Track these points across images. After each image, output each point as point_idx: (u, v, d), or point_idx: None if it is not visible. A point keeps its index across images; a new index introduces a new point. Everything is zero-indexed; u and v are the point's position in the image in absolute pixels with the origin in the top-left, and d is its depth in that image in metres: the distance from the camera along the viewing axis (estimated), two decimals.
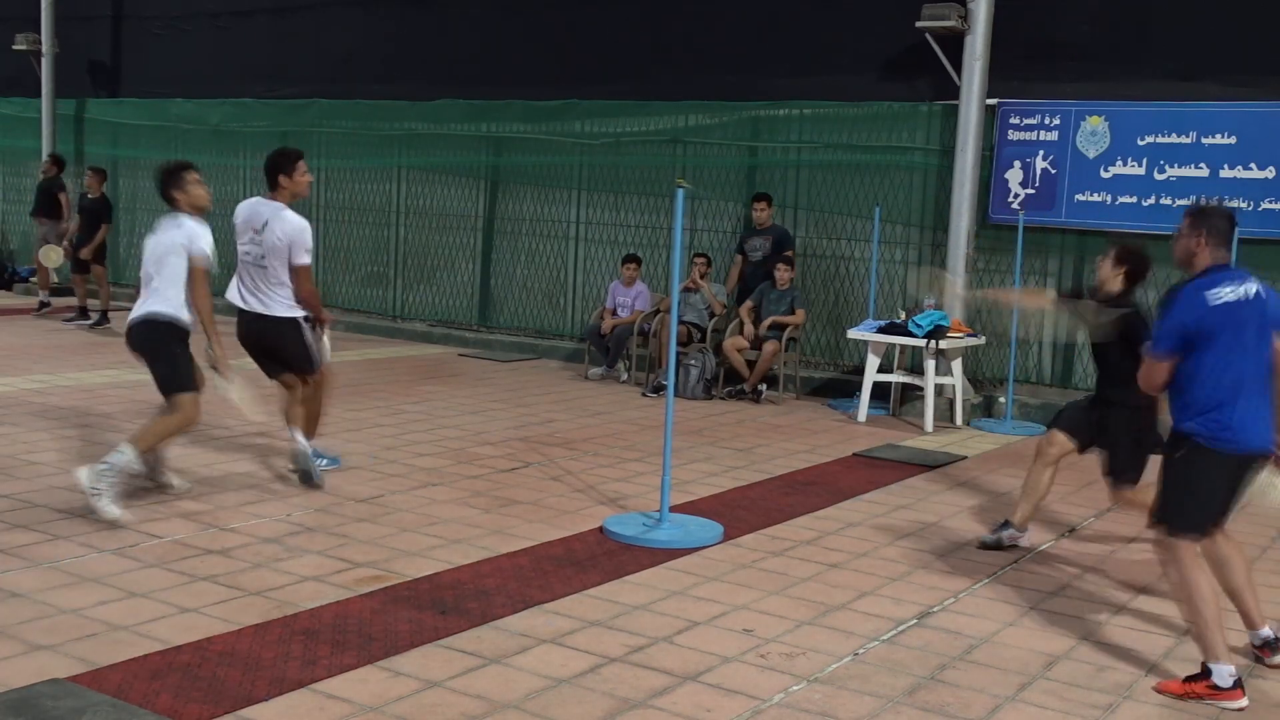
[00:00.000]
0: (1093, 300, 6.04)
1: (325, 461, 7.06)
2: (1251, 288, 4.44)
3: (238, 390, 6.32)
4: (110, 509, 5.76)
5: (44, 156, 16.58)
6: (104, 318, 13.22)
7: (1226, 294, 4.38)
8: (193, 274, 6.05)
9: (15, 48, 16.68)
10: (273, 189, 6.74)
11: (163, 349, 6.09)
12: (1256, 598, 4.73)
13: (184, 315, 6.09)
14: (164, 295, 6.07)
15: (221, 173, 14.65)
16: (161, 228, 6.21)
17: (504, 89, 13.31)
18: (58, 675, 3.99)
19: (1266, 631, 4.72)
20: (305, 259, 6.62)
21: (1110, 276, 5.97)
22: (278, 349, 6.79)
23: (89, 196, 13.64)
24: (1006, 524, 6.23)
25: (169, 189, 6.22)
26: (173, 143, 16.01)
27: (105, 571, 5.10)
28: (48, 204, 14.52)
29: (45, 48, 16.62)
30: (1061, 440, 6.08)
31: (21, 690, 3.85)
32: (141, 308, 6.12)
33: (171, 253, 6.06)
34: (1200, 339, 4.35)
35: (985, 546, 6.17)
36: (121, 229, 16.03)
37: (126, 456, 5.87)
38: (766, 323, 10.50)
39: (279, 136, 15.10)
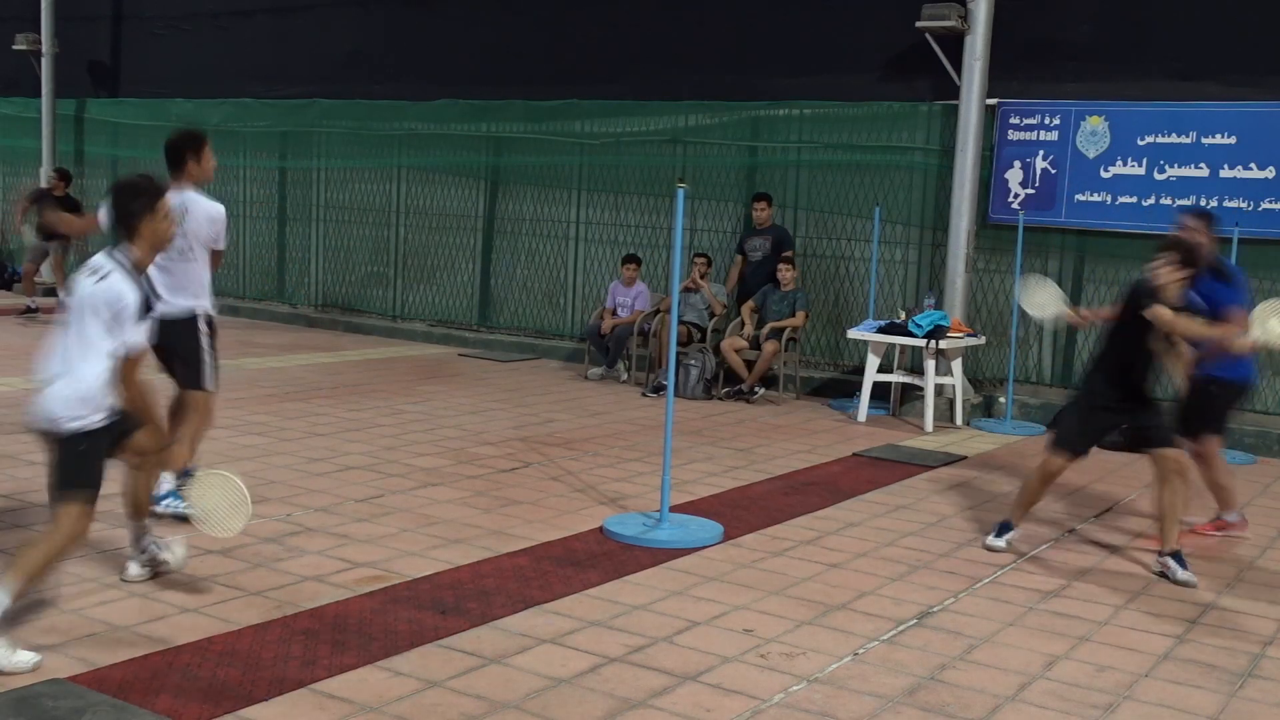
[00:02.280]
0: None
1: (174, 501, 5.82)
2: None
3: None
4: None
5: (46, 159, 16.60)
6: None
7: None
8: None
9: (15, 48, 16.68)
10: (179, 174, 6.02)
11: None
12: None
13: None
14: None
15: (221, 172, 14.56)
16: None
17: (504, 89, 13.31)
18: (58, 675, 3.99)
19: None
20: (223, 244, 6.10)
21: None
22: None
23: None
24: (1009, 526, 6.25)
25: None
26: None
27: (105, 571, 5.10)
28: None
29: (45, 48, 16.62)
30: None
31: (21, 690, 3.85)
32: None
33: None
34: None
35: (994, 550, 6.17)
36: None
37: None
38: (766, 329, 10.50)
39: (279, 136, 15.14)
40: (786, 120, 11.66)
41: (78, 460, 4.30)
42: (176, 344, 5.77)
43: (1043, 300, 6.82)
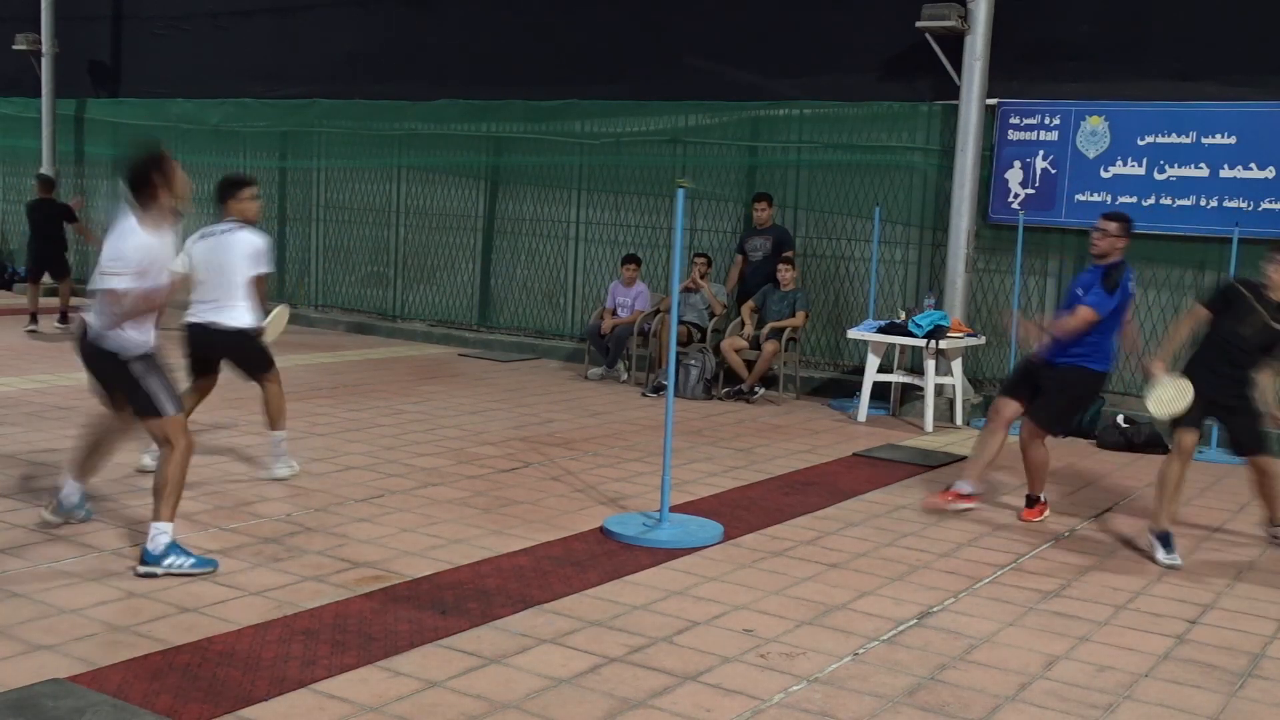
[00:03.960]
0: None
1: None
2: None
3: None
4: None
5: (46, 159, 16.59)
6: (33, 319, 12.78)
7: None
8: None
9: (15, 48, 16.68)
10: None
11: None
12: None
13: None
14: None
15: (221, 173, 14.62)
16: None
17: (504, 89, 13.31)
18: (58, 675, 3.99)
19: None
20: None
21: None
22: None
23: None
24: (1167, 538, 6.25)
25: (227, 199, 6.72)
26: (173, 143, 15.92)
27: (105, 571, 5.10)
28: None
29: (45, 48, 16.63)
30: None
31: (21, 690, 3.85)
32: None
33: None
34: None
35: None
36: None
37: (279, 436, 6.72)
38: (766, 329, 10.50)
39: (279, 136, 15.14)
40: (786, 120, 11.66)
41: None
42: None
43: (1171, 398, 6.35)
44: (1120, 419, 9.14)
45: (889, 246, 11.06)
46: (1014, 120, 10.42)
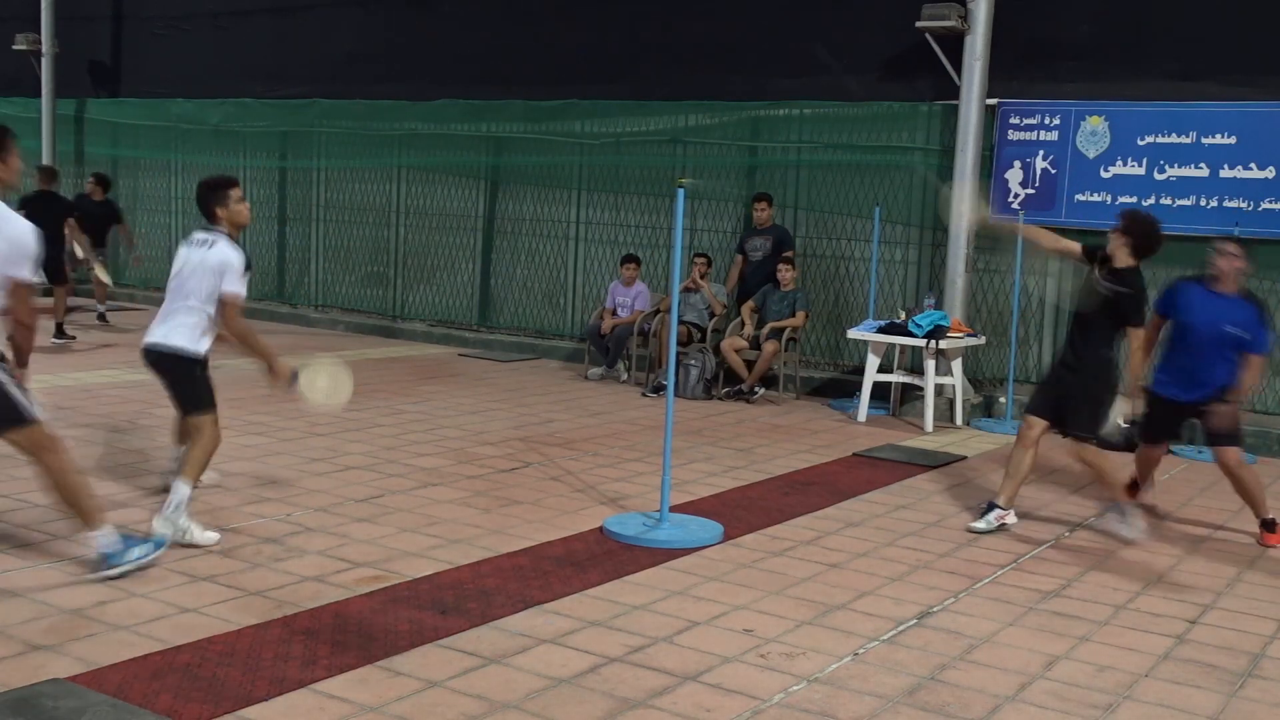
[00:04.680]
0: (1100, 270, 6.33)
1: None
2: None
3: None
4: (205, 535, 5.56)
5: (46, 159, 16.58)
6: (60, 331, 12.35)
7: None
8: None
9: (15, 48, 16.69)
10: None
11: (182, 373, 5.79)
12: None
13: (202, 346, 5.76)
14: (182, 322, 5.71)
15: (221, 173, 14.63)
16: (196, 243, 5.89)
17: (504, 89, 13.31)
18: (58, 675, 3.99)
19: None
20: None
21: (1117, 248, 6.28)
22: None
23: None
24: (992, 505, 6.50)
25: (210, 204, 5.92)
26: (173, 143, 16.05)
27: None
28: (96, 227, 13.59)
29: (45, 48, 16.63)
30: (1036, 421, 6.53)
31: (21, 690, 3.85)
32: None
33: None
34: None
35: (977, 532, 6.39)
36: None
37: (183, 492, 5.58)
38: (766, 329, 10.50)
39: (279, 136, 15.15)
40: (786, 120, 11.66)
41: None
42: None
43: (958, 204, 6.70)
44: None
45: (889, 246, 11.06)
46: (1014, 120, 10.43)
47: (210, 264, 5.74)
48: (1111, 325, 6.31)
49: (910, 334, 9.69)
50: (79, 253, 12.95)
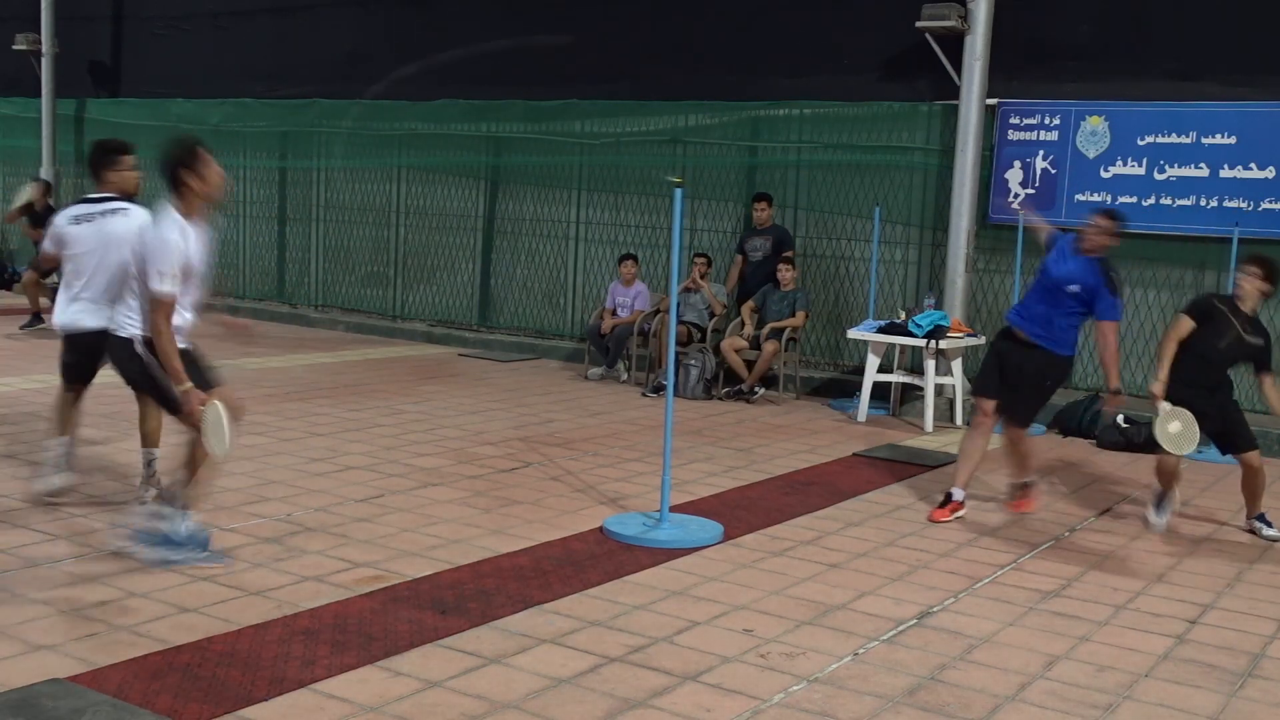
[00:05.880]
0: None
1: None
2: None
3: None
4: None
5: (46, 159, 16.58)
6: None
7: None
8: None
9: (15, 48, 16.69)
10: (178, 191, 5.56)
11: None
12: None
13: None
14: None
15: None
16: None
17: (504, 89, 13.31)
18: (58, 675, 3.99)
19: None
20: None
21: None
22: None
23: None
24: (1160, 504, 6.69)
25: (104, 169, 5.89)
26: None
27: (105, 571, 5.10)
28: None
29: (45, 48, 16.63)
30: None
31: (21, 690, 3.85)
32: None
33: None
34: None
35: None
36: None
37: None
38: (766, 329, 10.50)
39: (279, 136, 15.15)
40: (786, 120, 11.67)
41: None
42: None
43: (1179, 432, 6.36)
44: (1120, 419, 9.14)
45: (889, 246, 11.06)
46: (1014, 120, 10.43)
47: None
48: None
49: (910, 334, 9.69)
50: None
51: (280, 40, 15.13)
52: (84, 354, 5.94)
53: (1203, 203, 9.66)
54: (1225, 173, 9.59)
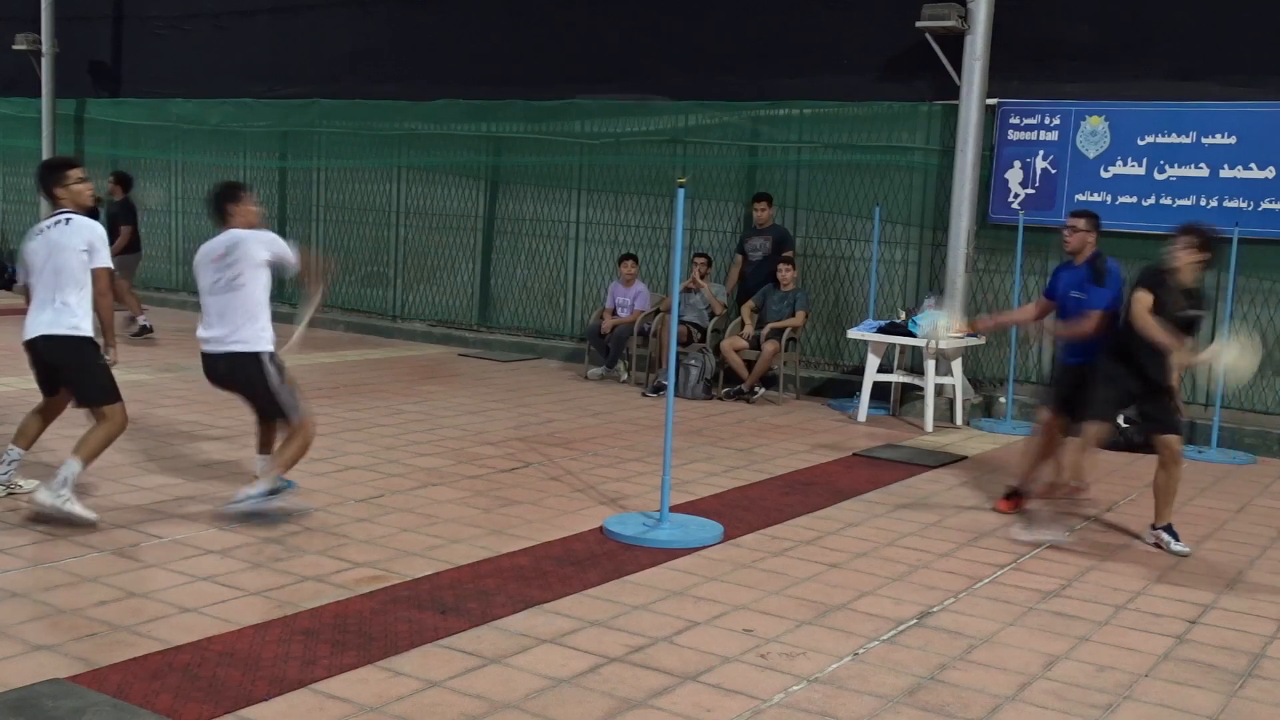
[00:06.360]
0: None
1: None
2: None
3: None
4: (85, 512, 5.71)
5: (44, 158, 16.56)
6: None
7: None
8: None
9: (15, 48, 16.68)
10: (224, 217, 6.31)
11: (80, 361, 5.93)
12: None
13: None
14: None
15: (221, 173, 14.65)
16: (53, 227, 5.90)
17: (504, 89, 13.31)
18: (58, 675, 3.99)
19: None
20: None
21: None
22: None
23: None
24: (1155, 527, 6.46)
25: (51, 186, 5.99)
26: (173, 143, 16.04)
27: (105, 571, 5.10)
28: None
29: (45, 48, 16.62)
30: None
31: (21, 690, 3.85)
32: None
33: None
34: None
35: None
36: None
37: (74, 469, 5.73)
38: (766, 329, 10.49)
39: (279, 136, 15.15)
40: (786, 120, 11.66)
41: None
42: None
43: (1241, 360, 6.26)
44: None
45: (889, 246, 11.06)
46: (1014, 120, 10.43)
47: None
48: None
49: (910, 334, 9.69)
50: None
51: (280, 40, 15.13)
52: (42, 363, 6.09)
53: (1203, 203, 9.66)
54: (1225, 173, 9.59)
